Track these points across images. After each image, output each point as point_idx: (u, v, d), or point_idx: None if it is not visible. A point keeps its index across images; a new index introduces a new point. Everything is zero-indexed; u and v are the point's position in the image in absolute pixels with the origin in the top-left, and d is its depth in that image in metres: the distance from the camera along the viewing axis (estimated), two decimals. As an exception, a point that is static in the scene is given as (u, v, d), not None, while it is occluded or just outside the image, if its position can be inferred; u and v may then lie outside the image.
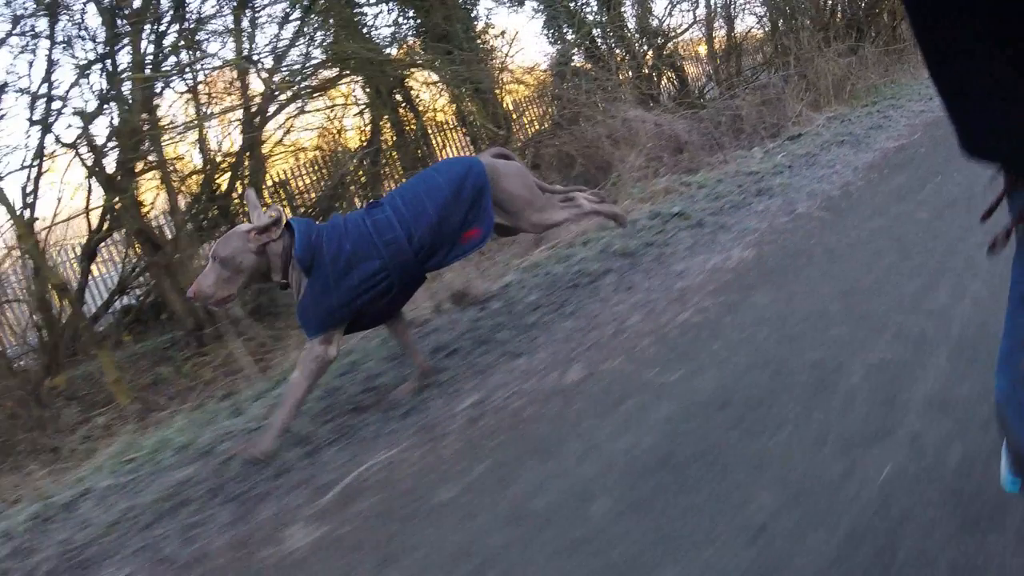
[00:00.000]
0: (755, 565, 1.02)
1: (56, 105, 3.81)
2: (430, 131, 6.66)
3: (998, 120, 0.61)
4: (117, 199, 4.16)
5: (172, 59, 4.20)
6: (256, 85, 4.63)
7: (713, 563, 1.04)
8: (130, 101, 3.82)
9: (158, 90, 4.03)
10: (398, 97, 6.02)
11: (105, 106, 3.90)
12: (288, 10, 4.58)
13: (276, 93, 4.55)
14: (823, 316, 1.78)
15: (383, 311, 2.13)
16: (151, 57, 3.97)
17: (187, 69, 4.12)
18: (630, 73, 6.87)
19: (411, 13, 6.14)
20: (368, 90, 5.71)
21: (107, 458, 2.64)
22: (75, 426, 3.87)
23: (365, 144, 5.72)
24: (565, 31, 7.24)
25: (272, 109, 4.60)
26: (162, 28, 4.01)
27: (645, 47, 7.10)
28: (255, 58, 4.51)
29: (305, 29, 4.76)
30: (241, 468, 1.91)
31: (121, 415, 3.74)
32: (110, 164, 4.01)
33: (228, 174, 4.48)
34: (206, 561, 1.53)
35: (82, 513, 2.06)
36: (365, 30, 5.59)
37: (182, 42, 4.16)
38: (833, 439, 1.27)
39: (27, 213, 3.90)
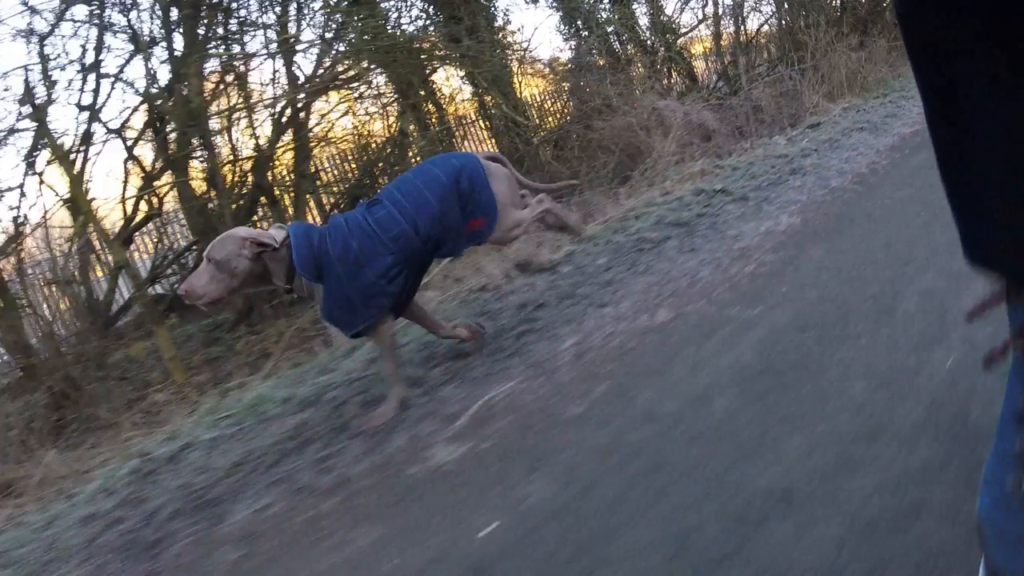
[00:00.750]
0: (863, 429, 1.31)
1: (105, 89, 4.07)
2: (452, 124, 6.95)
3: (1004, 224, 0.61)
4: (173, 180, 4.42)
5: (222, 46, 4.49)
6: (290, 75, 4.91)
7: (829, 431, 1.33)
8: (186, 85, 4.08)
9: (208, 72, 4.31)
10: (421, 92, 6.30)
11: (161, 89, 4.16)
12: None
13: (317, 81, 4.83)
14: (873, 262, 2.09)
15: (403, 302, 2.20)
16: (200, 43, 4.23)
17: (239, 55, 4.39)
18: (642, 69, 7.20)
19: (435, 10, 6.44)
20: (392, 84, 6.00)
21: (195, 418, 2.88)
22: (130, 403, 4.09)
23: (393, 136, 5.99)
24: (580, 28, 7.57)
25: (312, 98, 4.88)
26: (215, 15, 4.29)
27: (656, 44, 7.44)
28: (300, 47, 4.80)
29: (334, 20, 5.03)
30: (360, 409, 2.15)
31: (180, 390, 3.97)
32: (145, 150, 4.26)
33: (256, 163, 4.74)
34: (349, 485, 1.70)
35: (192, 462, 2.25)
36: (391, 27, 5.88)
37: (234, 28, 4.43)
38: (902, 344, 1.57)
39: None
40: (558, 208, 2.48)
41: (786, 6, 6.49)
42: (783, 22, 6.43)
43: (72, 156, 4.16)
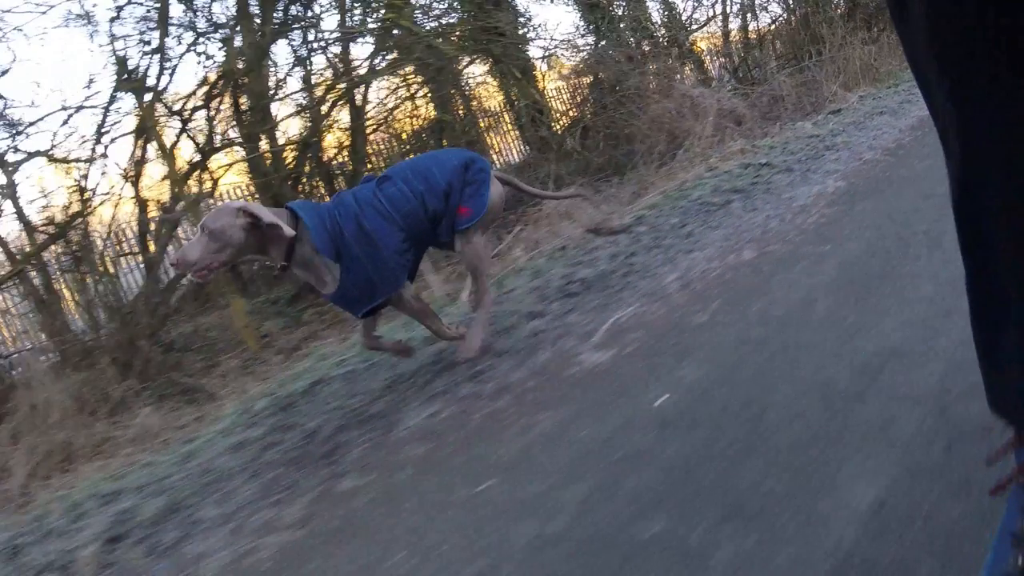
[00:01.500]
0: (939, 310, 1.74)
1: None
2: (479, 115, 7.36)
3: (1015, 384, 0.69)
4: (245, 154, 4.79)
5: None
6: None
7: (913, 313, 1.76)
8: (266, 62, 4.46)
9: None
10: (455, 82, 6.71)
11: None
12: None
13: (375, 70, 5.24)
14: (917, 211, 2.54)
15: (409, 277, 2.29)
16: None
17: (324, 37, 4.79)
18: (654, 67, 7.67)
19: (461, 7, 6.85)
20: (424, 77, 6.40)
21: (304, 367, 3.23)
22: (206, 369, 4.42)
23: (429, 124, 6.40)
24: (600, 24, 8.02)
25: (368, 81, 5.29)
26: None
27: (670, 41, 7.92)
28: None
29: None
30: (493, 337, 2.51)
31: (256, 356, 4.31)
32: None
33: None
34: (512, 388, 1.98)
35: (332, 392, 2.52)
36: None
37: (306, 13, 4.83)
38: (953, 259, 2.02)
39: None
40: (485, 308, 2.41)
41: (791, 3, 7.03)
42: (792, 18, 6.96)
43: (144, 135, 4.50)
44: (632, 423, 1.59)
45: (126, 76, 4.10)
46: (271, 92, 4.64)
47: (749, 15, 6.94)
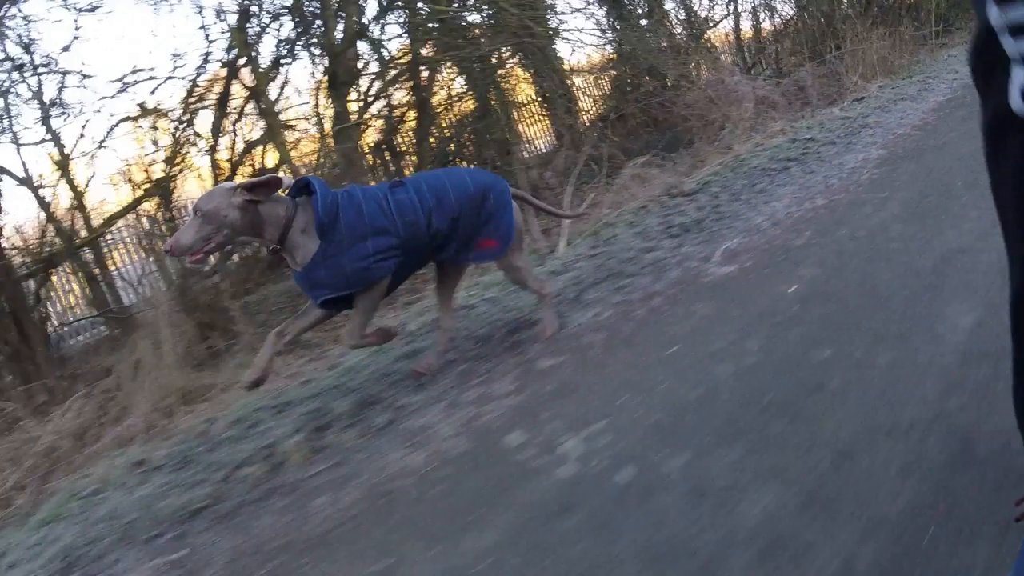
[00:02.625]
0: (987, 227, 2.37)
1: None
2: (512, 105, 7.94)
3: None
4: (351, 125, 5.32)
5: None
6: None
7: (968, 227, 2.37)
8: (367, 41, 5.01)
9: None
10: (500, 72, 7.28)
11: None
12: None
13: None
14: (952, 168, 3.18)
15: (391, 284, 2.25)
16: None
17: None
18: (692, 57, 8.32)
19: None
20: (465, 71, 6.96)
21: (428, 305, 3.75)
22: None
23: (473, 114, 6.96)
24: (628, 17, 8.64)
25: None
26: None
27: (686, 37, 8.57)
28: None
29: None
30: (617, 265, 3.05)
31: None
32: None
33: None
34: (659, 294, 2.51)
35: (483, 312, 2.95)
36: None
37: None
38: (991, 200, 2.66)
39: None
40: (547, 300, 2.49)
41: (804, 1, 7.71)
42: (805, 16, 7.64)
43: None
44: (776, 303, 2.20)
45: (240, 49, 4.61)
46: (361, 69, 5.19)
47: (764, 14, 7.62)
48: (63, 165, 4.81)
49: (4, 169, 4.66)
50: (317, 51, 5.10)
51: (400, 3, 5.44)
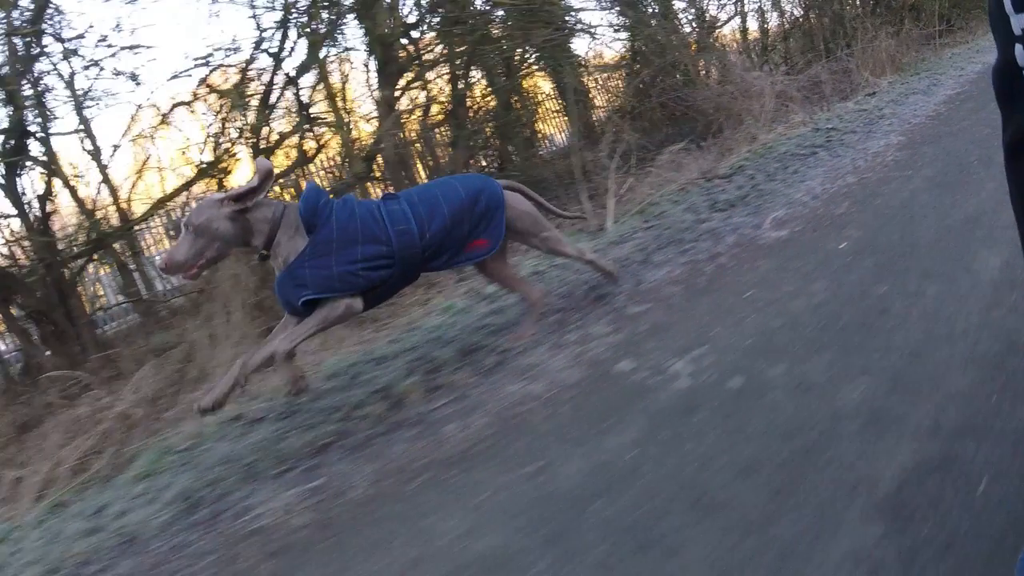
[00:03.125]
0: (1002, 199, 2.75)
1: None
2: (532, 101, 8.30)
3: None
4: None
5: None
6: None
7: (986, 197, 2.77)
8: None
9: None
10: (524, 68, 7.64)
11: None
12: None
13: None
14: (968, 150, 3.56)
15: (375, 297, 2.25)
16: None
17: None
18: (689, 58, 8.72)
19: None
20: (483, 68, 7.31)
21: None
22: None
23: (495, 109, 7.31)
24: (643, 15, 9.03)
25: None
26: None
27: (695, 36, 8.98)
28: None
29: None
30: (675, 234, 3.47)
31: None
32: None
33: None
34: (722, 254, 2.85)
35: (557, 275, 3.26)
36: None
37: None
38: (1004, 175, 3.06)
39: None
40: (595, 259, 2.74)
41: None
42: (811, 16, 8.06)
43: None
44: (830, 257, 2.57)
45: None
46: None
47: (771, 13, 8.03)
48: (96, 157, 5.03)
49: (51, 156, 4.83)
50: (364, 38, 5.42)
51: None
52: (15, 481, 3.18)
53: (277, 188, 5.02)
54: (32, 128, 4.52)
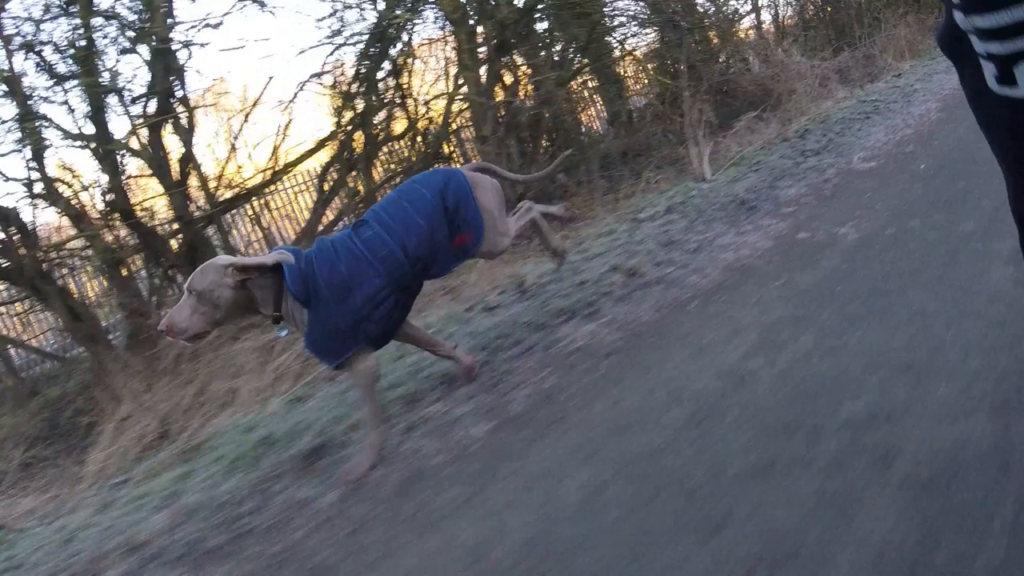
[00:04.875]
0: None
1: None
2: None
3: None
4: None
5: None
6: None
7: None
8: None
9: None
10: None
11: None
12: None
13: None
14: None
15: (395, 324, 2.25)
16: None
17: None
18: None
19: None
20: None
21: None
22: None
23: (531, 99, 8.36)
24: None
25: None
26: None
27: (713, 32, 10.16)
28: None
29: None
30: (782, 172, 4.61)
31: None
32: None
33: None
34: (829, 180, 4.04)
35: (754, 180, 4.62)
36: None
37: None
38: None
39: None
40: (543, 222, 2.68)
41: None
42: (828, 8, 9.28)
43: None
44: (915, 175, 3.73)
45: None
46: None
47: (790, 6, 9.24)
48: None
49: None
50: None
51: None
52: (229, 391, 4.13)
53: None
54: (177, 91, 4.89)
